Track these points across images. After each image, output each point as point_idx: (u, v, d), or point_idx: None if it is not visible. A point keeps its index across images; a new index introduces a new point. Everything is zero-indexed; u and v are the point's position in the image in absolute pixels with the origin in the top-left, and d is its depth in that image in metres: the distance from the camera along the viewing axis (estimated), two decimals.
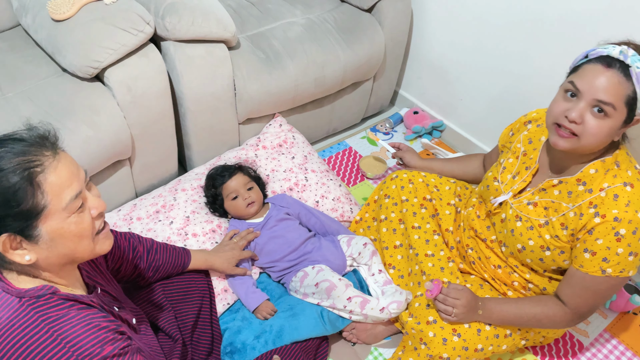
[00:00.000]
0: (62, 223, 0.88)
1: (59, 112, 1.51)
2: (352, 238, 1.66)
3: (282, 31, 1.91)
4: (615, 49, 1.12)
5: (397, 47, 2.17)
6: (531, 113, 1.46)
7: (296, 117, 2.05)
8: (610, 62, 1.12)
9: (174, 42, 1.65)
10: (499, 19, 1.87)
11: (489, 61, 1.99)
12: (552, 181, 1.31)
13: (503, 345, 1.41)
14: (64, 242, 0.90)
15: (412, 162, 1.78)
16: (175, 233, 1.62)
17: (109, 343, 0.90)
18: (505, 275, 1.46)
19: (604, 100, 1.12)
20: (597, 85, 1.12)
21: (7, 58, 1.66)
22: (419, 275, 1.51)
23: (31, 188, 0.84)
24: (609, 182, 1.20)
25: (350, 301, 1.46)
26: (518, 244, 1.35)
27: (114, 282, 1.21)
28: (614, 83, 1.12)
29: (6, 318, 0.88)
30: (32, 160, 0.85)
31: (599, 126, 1.14)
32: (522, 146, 1.42)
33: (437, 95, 2.29)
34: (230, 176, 1.67)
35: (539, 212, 1.32)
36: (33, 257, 0.89)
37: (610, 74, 1.12)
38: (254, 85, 1.79)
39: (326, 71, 1.92)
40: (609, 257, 1.19)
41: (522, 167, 1.40)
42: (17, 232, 0.86)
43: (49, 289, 0.91)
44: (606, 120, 1.14)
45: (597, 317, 1.69)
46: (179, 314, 1.40)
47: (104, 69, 1.56)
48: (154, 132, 1.71)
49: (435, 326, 1.38)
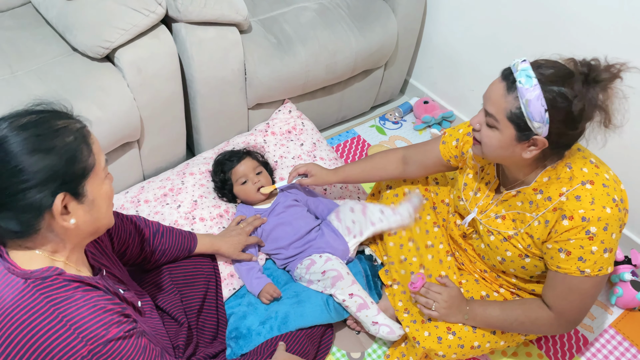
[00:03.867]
0: (101, 183, 0.94)
1: (68, 91, 1.49)
2: (338, 211, 1.63)
3: (294, 16, 1.88)
4: (515, 63, 1.10)
5: (409, 35, 2.15)
6: (465, 124, 1.43)
7: (306, 104, 2.03)
8: (506, 74, 1.11)
9: (186, 23, 1.63)
10: (515, 10, 1.84)
11: (502, 52, 1.96)
12: (511, 192, 1.29)
13: (501, 342, 1.40)
14: (100, 204, 0.94)
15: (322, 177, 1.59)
16: (182, 217, 1.61)
17: (115, 325, 0.91)
18: (492, 278, 1.46)
19: (488, 112, 1.14)
20: (487, 96, 1.15)
21: (17, 36, 1.64)
22: (416, 268, 1.50)
23: (87, 147, 0.90)
24: (566, 186, 1.18)
25: (351, 297, 1.45)
26: (497, 256, 1.35)
27: (119, 265, 1.21)
28: (497, 96, 1.11)
29: (11, 299, 0.87)
30: (77, 122, 0.92)
31: (488, 136, 1.16)
32: (477, 162, 1.40)
33: (448, 85, 2.27)
34: (239, 161, 1.66)
35: (508, 225, 1.30)
36: (76, 221, 0.91)
37: (497, 87, 1.12)
38: (265, 70, 1.78)
39: (337, 58, 1.90)
40: (584, 256, 1.16)
41: (482, 183, 1.38)
42: (70, 191, 0.88)
43: (54, 270, 0.91)
44: (495, 131, 1.15)
45: (602, 313, 1.68)
46: (184, 298, 1.40)
47: (115, 49, 1.54)
48: (163, 114, 1.70)
49: (430, 325, 1.38)
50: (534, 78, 1.06)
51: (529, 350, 1.56)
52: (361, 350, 1.53)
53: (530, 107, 1.06)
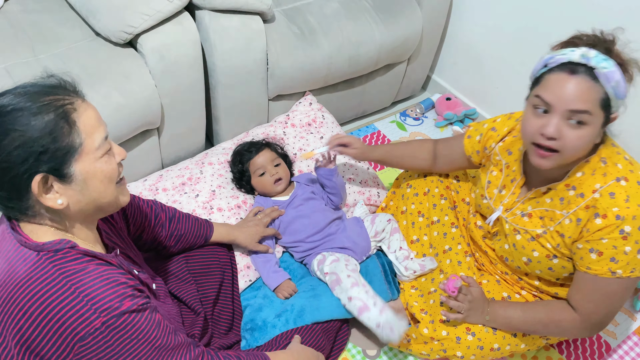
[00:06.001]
0: (94, 163, 0.89)
1: (90, 76, 1.49)
2: (376, 216, 1.63)
3: (318, 7, 1.86)
4: (575, 53, 1.05)
5: (434, 29, 2.11)
6: (495, 119, 1.39)
7: (326, 97, 2.01)
8: (573, 68, 1.06)
9: (209, 11, 1.61)
10: (543, 6, 1.80)
11: (529, 50, 1.91)
12: (540, 190, 1.25)
13: (522, 345, 1.36)
14: (95, 184, 0.91)
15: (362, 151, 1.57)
16: (200, 206, 1.60)
17: (129, 298, 0.89)
18: (514, 280, 1.42)
19: (578, 109, 1.05)
20: (567, 95, 1.05)
21: (40, 19, 1.64)
22: (436, 272, 1.48)
23: (67, 125, 0.85)
24: (600, 182, 1.13)
25: (350, 301, 1.39)
26: (523, 257, 1.30)
27: (134, 248, 1.20)
28: (583, 89, 1.05)
29: (24, 272, 0.87)
30: (65, 99, 0.87)
31: (579, 136, 1.08)
32: (502, 158, 1.35)
33: (472, 82, 2.23)
34: (258, 152, 1.64)
35: (535, 223, 1.26)
36: (65, 201, 0.88)
37: (578, 81, 1.05)
38: (287, 60, 1.75)
39: (361, 50, 1.87)
40: (617, 257, 1.12)
41: (507, 180, 1.34)
42: (52, 172, 0.85)
43: (67, 243, 0.90)
44: (585, 128, 1.07)
45: (626, 319, 1.64)
46: (200, 287, 1.39)
47: (138, 35, 1.53)
48: (184, 102, 1.69)
49: (448, 324, 1.35)
50: (610, 59, 1.05)
51: (549, 355, 1.52)
52: (377, 347, 1.51)
53: (620, 87, 1.07)
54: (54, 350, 0.86)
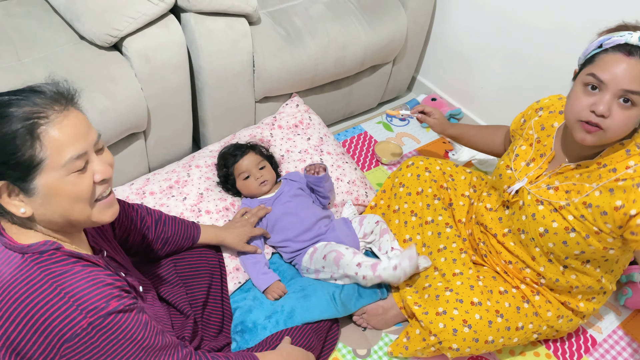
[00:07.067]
0: (58, 180, 0.86)
1: (76, 80, 1.42)
2: (364, 217, 1.64)
3: (304, 8, 1.87)
4: (633, 36, 1.09)
5: (419, 30, 2.13)
6: (543, 100, 1.43)
7: (313, 98, 2.01)
8: (630, 49, 1.09)
9: (195, 13, 1.61)
10: (525, 8, 1.83)
11: (512, 50, 1.94)
12: (570, 166, 1.28)
13: (514, 338, 1.39)
14: (58, 201, 0.87)
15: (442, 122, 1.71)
16: (188, 209, 1.59)
17: (115, 299, 0.89)
18: (517, 270, 1.43)
19: (632, 90, 1.09)
20: (622, 75, 1.09)
21: (24, 23, 1.62)
22: (430, 270, 1.49)
23: (30, 138, 0.82)
24: (635, 160, 1.18)
25: (360, 267, 1.44)
26: (540, 227, 1.32)
27: (121, 252, 1.20)
28: (639, 71, 1.09)
29: (9, 274, 0.86)
30: (39, 112, 0.84)
31: (627, 117, 1.12)
32: (534, 133, 1.39)
33: (457, 82, 2.25)
34: (242, 155, 1.64)
35: (560, 196, 1.29)
36: (28, 211, 0.87)
37: (635, 62, 1.09)
38: (274, 62, 1.76)
39: (347, 51, 1.88)
40: None
41: (536, 154, 1.37)
42: (14, 183, 0.84)
43: (52, 245, 0.89)
44: (633, 109, 1.11)
45: (610, 314, 1.66)
46: (189, 290, 1.39)
47: (123, 38, 1.52)
48: (170, 105, 1.68)
49: (445, 317, 1.36)
50: None
51: (537, 350, 1.54)
52: (367, 346, 1.51)
53: None
54: (40, 351, 0.85)
